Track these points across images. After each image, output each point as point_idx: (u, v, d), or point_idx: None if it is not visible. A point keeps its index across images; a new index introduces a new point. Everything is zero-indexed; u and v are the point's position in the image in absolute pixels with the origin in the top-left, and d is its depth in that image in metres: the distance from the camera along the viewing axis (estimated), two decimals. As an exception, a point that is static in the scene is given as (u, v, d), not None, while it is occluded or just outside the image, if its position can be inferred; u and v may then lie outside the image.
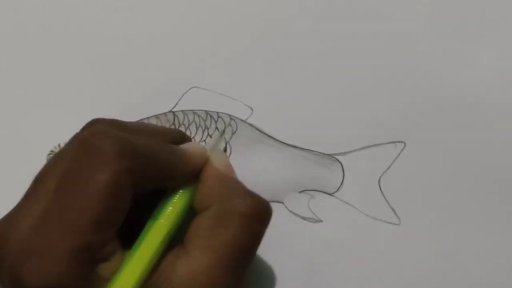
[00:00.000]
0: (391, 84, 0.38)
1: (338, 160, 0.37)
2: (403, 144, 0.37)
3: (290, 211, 0.36)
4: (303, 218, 0.35)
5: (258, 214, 0.25)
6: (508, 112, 0.37)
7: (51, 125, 0.38)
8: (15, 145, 0.38)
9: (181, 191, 0.25)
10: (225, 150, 0.28)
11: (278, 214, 0.37)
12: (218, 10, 0.40)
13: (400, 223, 0.35)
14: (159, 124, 0.38)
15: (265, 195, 0.36)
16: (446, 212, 0.35)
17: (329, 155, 0.37)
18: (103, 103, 0.38)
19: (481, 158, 0.36)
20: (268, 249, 0.27)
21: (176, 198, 0.25)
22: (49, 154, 0.27)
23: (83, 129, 0.25)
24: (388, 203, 0.35)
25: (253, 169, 0.37)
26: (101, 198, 0.22)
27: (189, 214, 0.25)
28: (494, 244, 0.35)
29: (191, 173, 0.25)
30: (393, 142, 0.37)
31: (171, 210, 0.24)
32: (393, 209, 0.35)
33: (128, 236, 0.24)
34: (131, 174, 0.22)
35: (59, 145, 0.27)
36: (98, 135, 0.23)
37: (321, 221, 0.35)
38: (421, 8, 0.39)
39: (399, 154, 0.36)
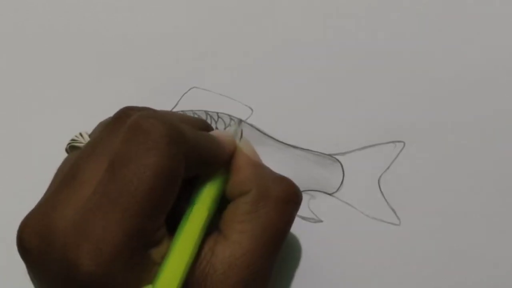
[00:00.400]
0: (391, 83, 0.38)
1: (338, 160, 0.37)
2: (402, 143, 0.37)
3: (290, 211, 0.36)
4: (303, 218, 0.35)
5: (292, 198, 0.26)
6: (508, 112, 0.37)
7: (51, 125, 0.38)
8: (14, 144, 0.38)
9: (215, 176, 0.26)
10: (241, 136, 0.28)
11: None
12: (218, 10, 0.40)
13: (400, 223, 0.35)
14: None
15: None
16: (446, 212, 0.35)
17: (329, 155, 0.37)
18: (103, 103, 0.38)
19: (481, 158, 0.36)
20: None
21: (211, 183, 0.25)
22: (70, 143, 0.27)
23: (119, 117, 0.25)
24: (388, 203, 0.35)
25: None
26: (156, 182, 0.22)
27: (221, 200, 0.26)
28: (494, 244, 0.35)
29: (225, 159, 0.26)
30: (392, 142, 0.37)
31: (209, 195, 0.25)
32: (393, 209, 0.35)
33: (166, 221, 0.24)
34: (182, 159, 0.23)
35: (80, 134, 0.27)
36: (150, 120, 0.23)
37: (321, 221, 0.35)
38: (420, 8, 0.39)
39: (398, 154, 0.36)
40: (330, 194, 0.36)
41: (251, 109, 0.38)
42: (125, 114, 0.25)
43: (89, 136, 0.27)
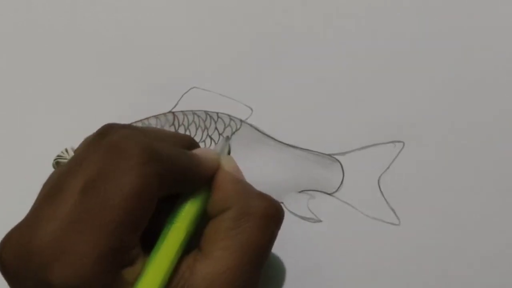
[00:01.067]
0: (391, 84, 0.38)
1: (337, 160, 0.37)
2: (402, 143, 0.37)
3: (290, 211, 0.36)
4: (303, 218, 0.35)
5: (274, 214, 0.26)
6: (507, 112, 0.37)
7: (50, 126, 0.38)
8: (14, 145, 0.38)
9: (195, 195, 0.26)
10: (229, 153, 0.28)
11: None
12: (218, 10, 0.40)
13: (399, 223, 0.35)
14: (158, 124, 0.38)
15: (264, 195, 0.36)
16: (446, 212, 0.35)
17: (329, 155, 0.37)
18: (103, 103, 0.38)
19: (481, 157, 0.36)
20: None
21: (191, 202, 0.25)
22: (56, 159, 0.27)
23: (101, 134, 0.25)
24: (387, 203, 0.35)
25: (253, 169, 0.37)
26: (130, 201, 0.22)
27: (202, 218, 0.26)
28: (494, 244, 0.35)
29: (206, 178, 0.26)
30: (392, 142, 0.37)
31: (188, 214, 0.25)
32: (392, 209, 0.35)
33: (143, 240, 0.24)
34: (159, 178, 0.23)
35: (66, 150, 0.28)
36: (126, 139, 0.23)
37: (320, 221, 0.35)
38: (420, 8, 0.39)
39: (398, 154, 0.36)
40: (330, 194, 0.36)
41: (251, 109, 0.38)
42: (106, 131, 0.25)
43: (74, 152, 0.27)
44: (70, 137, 0.38)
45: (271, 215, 0.26)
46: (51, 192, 0.24)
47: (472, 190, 0.36)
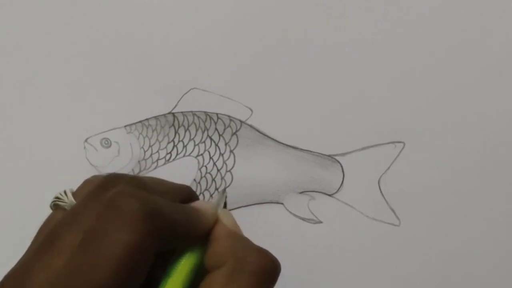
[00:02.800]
0: (391, 85, 0.38)
1: (337, 161, 0.37)
2: (402, 144, 0.37)
3: (290, 212, 0.36)
4: (303, 219, 0.35)
5: (270, 271, 0.26)
6: (507, 112, 0.37)
7: (50, 126, 0.38)
8: (13, 145, 0.38)
9: (192, 248, 0.26)
10: (225, 206, 0.29)
11: (278, 215, 0.37)
12: (218, 11, 0.40)
13: (400, 223, 0.35)
14: (158, 125, 0.38)
15: (265, 196, 0.36)
16: (446, 212, 0.35)
17: (329, 156, 0.37)
18: (103, 104, 0.38)
19: (481, 158, 0.36)
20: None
21: (188, 255, 0.26)
22: (54, 201, 0.27)
23: (101, 187, 0.26)
24: (388, 204, 0.35)
25: (253, 170, 0.37)
26: (126, 259, 0.22)
27: (199, 271, 0.26)
28: (494, 244, 0.35)
29: (204, 232, 0.26)
30: (392, 143, 0.37)
31: (184, 267, 0.25)
32: (392, 210, 0.35)
33: None
34: (156, 235, 0.23)
35: (64, 192, 0.28)
36: (124, 196, 0.23)
37: (321, 222, 0.35)
38: (421, 9, 0.39)
39: (398, 155, 0.36)
40: (330, 195, 0.36)
41: (251, 110, 0.38)
42: (108, 184, 0.26)
43: (73, 194, 0.28)
44: (70, 137, 0.38)
45: (267, 273, 0.25)
46: (47, 241, 0.24)
47: (472, 190, 0.36)
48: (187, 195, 0.28)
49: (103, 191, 0.25)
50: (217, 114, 0.37)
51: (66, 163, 0.38)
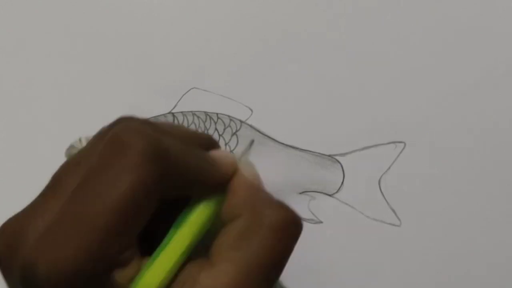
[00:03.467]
0: (391, 84, 0.38)
1: (338, 161, 0.36)
2: (403, 144, 0.37)
3: (290, 212, 0.36)
4: (303, 219, 0.35)
5: (290, 227, 0.24)
6: (507, 112, 0.37)
7: (50, 126, 0.38)
8: (13, 145, 0.38)
9: (207, 199, 0.24)
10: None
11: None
12: (218, 11, 0.40)
13: (400, 224, 0.35)
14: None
15: (265, 196, 0.36)
16: (446, 212, 0.35)
17: (329, 156, 0.37)
18: (103, 104, 0.38)
19: (481, 158, 0.36)
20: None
21: (201, 206, 0.23)
22: (69, 148, 0.26)
23: (110, 125, 0.24)
24: (388, 204, 0.35)
25: (253, 170, 0.37)
26: (126, 200, 0.20)
27: (215, 226, 0.24)
28: (494, 244, 0.35)
29: (219, 182, 0.24)
30: (393, 143, 0.37)
31: (195, 218, 0.23)
32: (393, 210, 0.35)
33: (146, 242, 0.23)
34: (160, 178, 0.21)
35: (79, 140, 0.27)
36: (130, 133, 0.21)
37: (321, 222, 0.35)
38: (421, 8, 0.39)
39: (399, 155, 0.36)
40: (330, 195, 0.36)
41: (251, 110, 0.38)
42: (116, 122, 0.24)
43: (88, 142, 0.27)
44: (70, 137, 0.38)
45: (287, 227, 0.23)
46: (50, 185, 0.23)
47: (472, 191, 0.36)
48: (206, 143, 0.26)
49: (109, 130, 0.23)
50: (217, 114, 0.37)
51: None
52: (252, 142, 0.28)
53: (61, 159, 0.38)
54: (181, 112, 0.38)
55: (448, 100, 0.37)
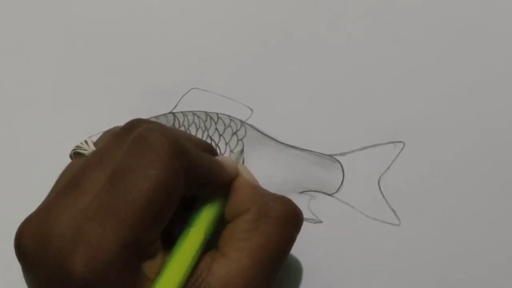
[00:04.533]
0: (391, 84, 0.38)
1: (337, 161, 0.37)
2: (402, 144, 0.37)
3: (290, 212, 0.36)
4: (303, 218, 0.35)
5: (293, 218, 0.26)
6: (507, 111, 0.37)
7: (50, 126, 0.38)
8: (13, 146, 0.38)
9: (214, 199, 0.26)
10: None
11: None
12: (218, 11, 0.40)
13: (400, 223, 0.35)
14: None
15: (265, 196, 0.36)
16: (446, 212, 0.35)
17: (329, 155, 0.37)
18: (103, 104, 0.38)
19: (481, 158, 0.36)
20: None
21: (210, 206, 0.26)
22: (75, 150, 0.27)
23: (127, 128, 0.25)
24: (388, 203, 0.35)
25: (253, 170, 0.37)
26: (155, 194, 0.22)
27: (218, 224, 0.26)
28: (494, 244, 0.35)
29: (226, 183, 0.26)
30: (392, 142, 0.37)
31: (207, 217, 0.26)
32: (393, 210, 0.35)
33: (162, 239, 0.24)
34: (184, 173, 0.23)
35: (86, 142, 0.28)
36: (154, 132, 0.23)
37: (321, 222, 0.35)
38: (421, 8, 0.39)
39: (398, 154, 0.37)
40: (330, 195, 0.36)
41: (251, 110, 0.38)
42: (133, 125, 0.25)
43: (94, 144, 0.27)
44: (70, 137, 0.38)
45: (290, 218, 0.26)
46: (73, 181, 0.24)
47: (472, 190, 0.36)
48: (208, 149, 0.28)
49: (128, 132, 0.24)
50: (217, 114, 0.37)
51: (66, 163, 0.38)
52: (242, 150, 0.30)
53: (61, 159, 0.39)
54: (182, 112, 0.38)
55: (448, 100, 0.38)
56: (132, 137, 0.23)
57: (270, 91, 0.38)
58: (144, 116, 0.38)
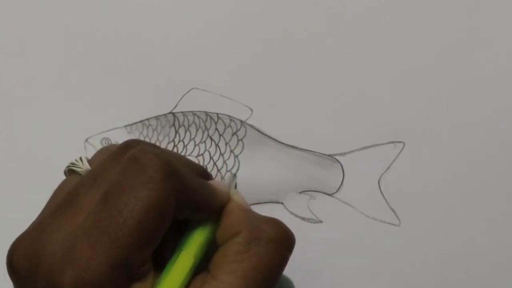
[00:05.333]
0: (391, 84, 0.38)
1: (338, 161, 0.37)
2: (402, 144, 0.37)
3: (290, 212, 0.36)
4: (303, 219, 0.35)
5: (285, 239, 0.26)
6: (507, 111, 0.37)
7: (50, 126, 0.38)
8: (13, 146, 0.38)
9: (205, 223, 0.26)
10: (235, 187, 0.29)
11: (278, 215, 0.37)
12: (218, 11, 0.40)
13: (400, 223, 0.35)
14: (159, 125, 0.38)
15: (265, 195, 0.36)
16: (446, 212, 0.35)
17: (329, 155, 0.37)
18: (103, 104, 0.38)
19: (481, 158, 0.36)
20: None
21: (200, 230, 0.26)
22: (69, 167, 0.27)
23: (123, 148, 0.26)
24: (388, 203, 0.35)
25: (253, 170, 0.37)
26: (146, 216, 0.22)
27: (209, 248, 0.27)
28: (494, 244, 0.35)
29: (217, 209, 0.26)
30: (392, 142, 0.37)
31: (198, 240, 0.26)
32: (393, 210, 0.35)
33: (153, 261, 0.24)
34: (176, 194, 0.23)
35: (80, 159, 0.28)
36: (147, 154, 0.23)
37: (321, 221, 0.35)
38: (420, 9, 0.39)
39: (398, 154, 0.37)
40: (330, 195, 0.36)
41: (251, 110, 0.38)
42: (128, 146, 0.25)
43: (89, 162, 0.27)
44: (70, 137, 0.38)
45: (282, 240, 0.26)
46: (66, 200, 0.24)
47: (472, 190, 0.36)
48: (202, 173, 0.28)
49: (123, 152, 0.25)
50: (217, 114, 0.37)
51: (66, 163, 0.38)
52: (235, 175, 0.30)
53: (61, 159, 0.39)
54: (182, 112, 0.38)
55: (448, 100, 0.38)
56: (126, 157, 0.24)
57: (270, 91, 0.38)
58: (144, 116, 0.38)
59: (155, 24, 0.40)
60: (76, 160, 0.28)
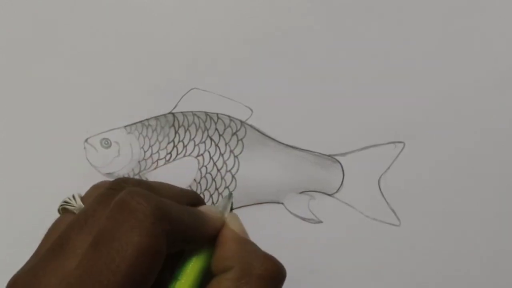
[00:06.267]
0: (391, 85, 0.38)
1: (338, 161, 0.37)
2: (402, 144, 0.37)
3: (290, 212, 0.36)
4: (303, 219, 0.35)
5: (275, 276, 0.26)
6: (507, 111, 0.37)
7: (50, 126, 0.38)
8: (12, 146, 0.38)
9: (200, 251, 0.26)
10: (231, 209, 0.29)
11: (278, 215, 0.37)
12: (218, 11, 0.40)
13: (400, 224, 0.35)
14: (158, 125, 0.38)
15: (265, 196, 0.36)
16: (446, 212, 0.35)
17: (329, 156, 0.37)
18: (103, 104, 0.38)
19: (481, 158, 0.36)
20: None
21: (195, 259, 0.26)
22: (62, 205, 0.28)
23: (112, 189, 0.26)
24: (388, 204, 0.35)
25: (253, 170, 0.37)
26: (137, 261, 0.22)
27: (206, 274, 0.27)
28: (494, 244, 0.35)
29: (210, 236, 0.27)
30: (392, 143, 0.37)
31: (192, 270, 0.26)
32: (393, 210, 0.35)
33: None
34: (167, 236, 0.23)
35: (73, 197, 0.28)
36: (137, 198, 0.23)
37: (321, 222, 0.35)
38: (420, 9, 0.39)
39: (398, 155, 0.37)
40: (330, 195, 0.36)
41: (251, 110, 0.38)
42: (118, 186, 0.26)
43: (82, 199, 0.28)
44: (70, 137, 0.38)
45: (273, 276, 0.26)
46: (57, 245, 0.25)
47: (472, 190, 0.36)
48: (193, 200, 0.29)
49: (112, 193, 0.25)
50: (217, 114, 0.37)
51: (66, 163, 0.38)
52: (230, 194, 0.30)
53: (61, 160, 0.39)
54: (181, 112, 0.38)
55: (448, 100, 0.38)
56: (115, 201, 0.24)
57: (270, 91, 0.38)
58: (144, 116, 0.38)
59: (155, 24, 0.40)
60: (69, 198, 0.28)
